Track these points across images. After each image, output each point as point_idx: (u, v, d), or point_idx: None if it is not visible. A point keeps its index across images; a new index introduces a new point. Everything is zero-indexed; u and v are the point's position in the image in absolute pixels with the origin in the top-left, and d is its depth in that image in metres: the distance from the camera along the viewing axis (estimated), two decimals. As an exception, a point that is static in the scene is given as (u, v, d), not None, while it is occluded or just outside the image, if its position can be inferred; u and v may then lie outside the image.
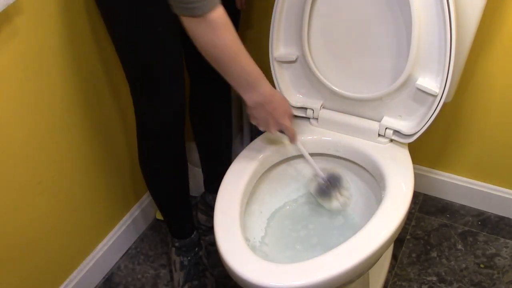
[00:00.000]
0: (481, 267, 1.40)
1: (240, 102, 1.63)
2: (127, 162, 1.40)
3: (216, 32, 0.85)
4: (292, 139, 1.09)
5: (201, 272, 1.35)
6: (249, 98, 0.97)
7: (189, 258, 1.35)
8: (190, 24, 0.85)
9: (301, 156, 1.20)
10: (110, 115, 1.29)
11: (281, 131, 1.07)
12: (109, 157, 1.34)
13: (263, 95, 0.97)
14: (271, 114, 1.00)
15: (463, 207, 1.58)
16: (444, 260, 1.42)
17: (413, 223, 1.54)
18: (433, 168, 1.58)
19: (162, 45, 1.01)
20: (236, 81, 0.94)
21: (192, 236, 1.36)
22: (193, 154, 1.66)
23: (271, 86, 0.98)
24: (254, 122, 1.03)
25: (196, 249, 1.37)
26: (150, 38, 0.99)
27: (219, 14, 0.84)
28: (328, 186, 1.14)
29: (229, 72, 0.92)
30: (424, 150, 1.53)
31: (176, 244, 1.35)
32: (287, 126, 1.04)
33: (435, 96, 1.05)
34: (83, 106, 1.19)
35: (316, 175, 1.16)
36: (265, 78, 0.96)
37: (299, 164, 1.22)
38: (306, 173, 1.23)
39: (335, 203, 1.14)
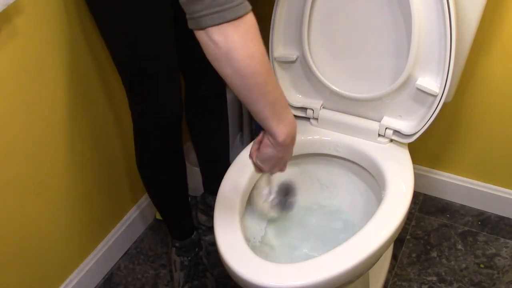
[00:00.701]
0: (481, 267, 1.40)
1: (240, 102, 1.63)
2: (126, 162, 1.40)
3: (255, 38, 0.71)
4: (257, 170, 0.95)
5: (201, 272, 1.35)
6: (281, 129, 0.79)
7: (189, 258, 1.34)
8: (224, 33, 0.69)
9: (301, 156, 1.20)
10: (110, 115, 1.29)
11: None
12: (109, 157, 1.34)
13: (292, 123, 0.80)
14: (289, 152, 0.85)
15: (463, 207, 1.58)
16: (444, 260, 1.42)
17: (413, 223, 1.54)
18: (433, 168, 1.58)
19: (158, 45, 1.00)
20: (269, 107, 0.76)
21: (192, 236, 1.36)
22: (192, 154, 1.66)
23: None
24: (266, 163, 0.87)
25: (196, 249, 1.36)
26: (146, 38, 0.98)
27: (253, 16, 0.71)
28: (280, 198, 1.10)
29: (265, 94, 0.74)
30: (424, 150, 1.53)
31: (177, 245, 1.35)
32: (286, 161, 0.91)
33: (435, 96, 1.05)
34: (83, 106, 1.19)
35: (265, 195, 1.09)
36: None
37: (300, 164, 1.22)
38: (306, 173, 1.23)
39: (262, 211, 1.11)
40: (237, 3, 0.69)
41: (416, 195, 1.62)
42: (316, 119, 1.22)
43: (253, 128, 1.71)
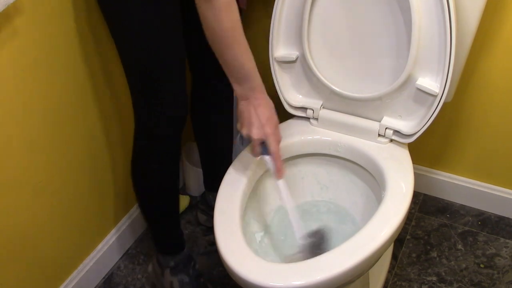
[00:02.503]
0: (481, 267, 1.40)
1: (240, 102, 1.63)
2: (127, 162, 1.40)
3: (217, 13, 0.86)
4: (278, 171, 0.98)
5: (203, 284, 1.33)
6: (237, 88, 0.97)
7: (189, 274, 1.29)
8: (199, 5, 0.86)
9: (302, 156, 1.20)
10: (110, 115, 1.29)
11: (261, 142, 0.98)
12: (110, 157, 1.34)
13: (252, 90, 0.96)
14: (256, 113, 0.96)
15: (463, 207, 1.58)
16: (444, 260, 1.42)
17: (413, 223, 1.54)
18: (433, 168, 1.58)
19: (166, 45, 1.00)
20: (229, 69, 0.95)
21: (185, 250, 1.32)
22: (193, 154, 1.66)
23: (263, 88, 0.98)
24: (239, 122, 0.99)
25: (192, 262, 1.33)
26: (154, 37, 0.98)
27: None
28: (313, 248, 1.01)
29: (223, 59, 0.93)
30: (424, 150, 1.53)
31: (172, 264, 1.28)
32: (270, 136, 0.96)
33: (435, 96, 1.05)
34: (83, 107, 1.19)
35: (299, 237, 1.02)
36: (258, 76, 0.96)
37: (300, 164, 1.22)
38: (306, 172, 1.23)
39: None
40: None
41: (416, 195, 1.62)
42: (316, 119, 1.22)
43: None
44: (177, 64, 1.04)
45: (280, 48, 1.19)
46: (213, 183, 1.46)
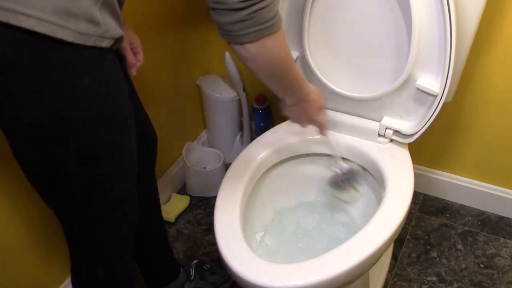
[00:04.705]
0: (481, 267, 1.40)
1: (240, 102, 1.63)
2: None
3: (283, 43, 0.81)
4: (322, 132, 1.07)
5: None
6: (289, 99, 0.96)
7: None
8: (263, 45, 0.76)
9: (301, 156, 1.20)
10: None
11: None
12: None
13: (301, 96, 0.96)
14: (305, 111, 0.99)
15: (463, 207, 1.58)
16: (444, 260, 1.42)
17: (413, 223, 1.54)
18: (433, 168, 1.58)
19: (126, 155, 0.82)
20: (283, 88, 0.91)
21: (179, 276, 1.30)
22: (192, 153, 1.66)
23: (308, 86, 0.96)
24: (287, 115, 1.02)
25: (192, 278, 1.32)
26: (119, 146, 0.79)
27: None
28: (344, 179, 1.14)
29: (284, 81, 0.88)
30: (424, 150, 1.53)
31: None
32: (319, 121, 1.03)
33: (435, 96, 1.05)
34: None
35: (335, 166, 1.15)
36: (306, 82, 0.95)
37: (299, 164, 1.22)
38: (306, 173, 1.23)
39: (346, 195, 1.15)
40: (275, 20, 0.76)
41: (416, 195, 1.62)
42: (316, 119, 1.22)
43: (253, 128, 1.71)
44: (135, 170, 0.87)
45: (280, 48, 1.19)
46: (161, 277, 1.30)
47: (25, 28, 0.62)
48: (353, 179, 1.15)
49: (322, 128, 1.06)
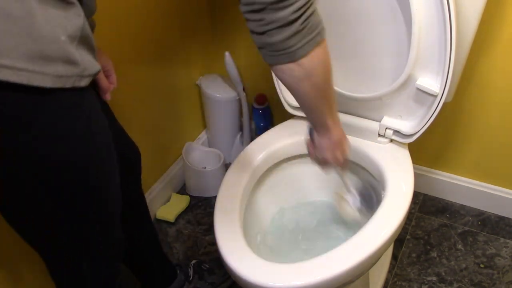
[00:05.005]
0: (481, 267, 1.40)
1: (240, 102, 1.63)
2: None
3: (327, 51, 0.76)
4: (343, 168, 1.02)
5: None
6: (331, 121, 0.88)
7: None
8: (316, 55, 0.73)
9: (302, 156, 1.20)
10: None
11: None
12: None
13: (338, 122, 0.90)
14: (342, 145, 0.94)
15: (463, 207, 1.58)
16: (444, 260, 1.42)
17: (413, 223, 1.54)
18: (433, 168, 1.58)
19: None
20: (329, 104, 0.84)
21: (177, 277, 1.29)
22: (192, 153, 1.66)
23: (338, 121, 0.91)
24: (318, 152, 0.97)
25: (190, 278, 1.32)
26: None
27: None
28: (359, 202, 1.12)
29: (329, 97, 0.82)
30: (424, 150, 1.53)
31: None
32: (344, 161, 0.98)
33: (435, 96, 1.05)
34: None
35: (346, 195, 1.12)
36: (337, 113, 0.90)
37: (299, 164, 1.22)
38: (306, 173, 1.23)
39: (351, 218, 1.13)
40: (322, 23, 0.72)
41: (416, 195, 1.62)
42: (316, 119, 1.22)
43: (253, 128, 1.71)
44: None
45: (280, 48, 1.19)
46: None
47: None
48: (368, 204, 1.12)
49: (345, 166, 1.00)
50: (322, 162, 0.98)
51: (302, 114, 1.23)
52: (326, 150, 0.94)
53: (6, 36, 0.58)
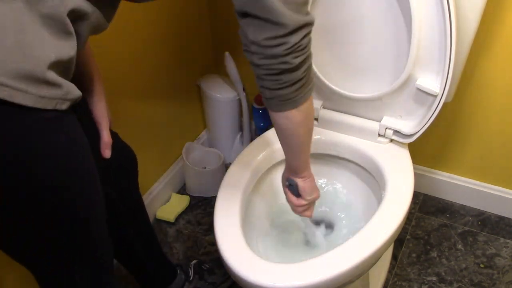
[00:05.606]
0: (481, 267, 1.40)
1: (240, 102, 1.63)
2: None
3: (295, 127, 0.84)
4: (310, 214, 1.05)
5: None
6: (311, 176, 0.96)
7: None
8: (310, 101, 0.82)
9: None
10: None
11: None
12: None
13: (302, 170, 0.95)
14: (314, 183, 0.99)
15: (463, 207, 1.58)
16: (444, 260, 1.42)
17: (413, 223, 1.54)
18: (433, 168, 1.58)
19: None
20: (308, 148, 0.92)
21: (177, 277, 1.29)
22: (192, 153, 1.66)
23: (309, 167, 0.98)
24: (300, 194, 1.00)
25: (191, 278, 1.32)
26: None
27: None
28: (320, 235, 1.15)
29: (310, 140, 0.90)
30: (424, 150, 1.53)
31: None
32: (306, 206, 1.02)
33: (435, 96, 1.05)
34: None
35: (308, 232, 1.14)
36: (309, 161, 0.96)
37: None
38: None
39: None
40: (311, 87, 0.81)
41: (416, 195, 1.62)
42: (316, 119, 1.22)
43: (253, 128, 1.71)
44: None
45: (280, 48, 1.19)
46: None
47: None
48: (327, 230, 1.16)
49: (311, 210, 1.04)
50: (307, 208, 1.01)
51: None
52: (313, 190, 0.99)
53: None
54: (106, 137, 0.88)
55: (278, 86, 0.77)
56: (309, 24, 0.74)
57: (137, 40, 1.32)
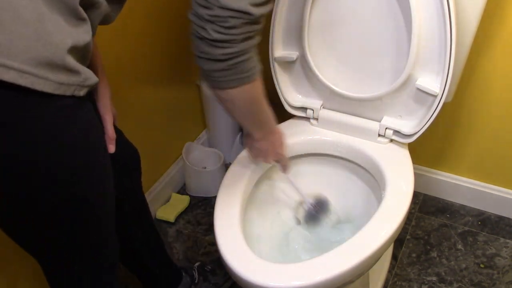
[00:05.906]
0: (481, 267, 1.40)
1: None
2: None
3: (259, 87, 0.86)
4: (285, 170, 1.11)
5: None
6: (259, 133, 1.00)
7: None
8: (242, 90, 0.83)
9: (302, 156, 1.20)
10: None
11: (276, 161, 1.09)
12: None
13: (270, 129, 1.00)
14: (272, 144, 1.03)
15: (463, 207, 1.58)
16: (444, 260, 1.42)
17: (413, 223, 1.54)
18: (433, 168, 1.58)
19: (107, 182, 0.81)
20: (256, 125, 0.97)
21: (183, 279, 1.29)
22: (192, 153, 1.66)
23: (275, 123, 1.02)
24: (253, 153, 1.07)
25: (196, 281, 1.31)
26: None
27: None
28: (317, 211, 1.16)
29: (256, 117, 0.94)
30: (424, 150, 1.53)
31: None
32: (284, 155, 1.07)
33: (435, 96, 1.05)
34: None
35: (303, 202, 1.17)
36: (274, 117, 1.00)
37: (300, 164, 1.21)
38: (307, 172, 1.23)
39: (323, 224, 1.16)
40: (255, 70, 0.82)
41: (416, 195, 1.62)
42: (316, 119, 1.22)
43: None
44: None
45: (280, 48, 1.19)
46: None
47: (3, 80, 0.59)
48: (324, 207, 1.17)
49: (285, 163, 1.09)
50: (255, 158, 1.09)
51: (302, 114, 1.23)
52: (267, 151, 1.04)
53: (17, 38, 0.60)
54: (110, 132, 0.89)
55: (197, 53, 0.78)
56: (243, 12, 0.73)
57: (137, 40, 1.32)
